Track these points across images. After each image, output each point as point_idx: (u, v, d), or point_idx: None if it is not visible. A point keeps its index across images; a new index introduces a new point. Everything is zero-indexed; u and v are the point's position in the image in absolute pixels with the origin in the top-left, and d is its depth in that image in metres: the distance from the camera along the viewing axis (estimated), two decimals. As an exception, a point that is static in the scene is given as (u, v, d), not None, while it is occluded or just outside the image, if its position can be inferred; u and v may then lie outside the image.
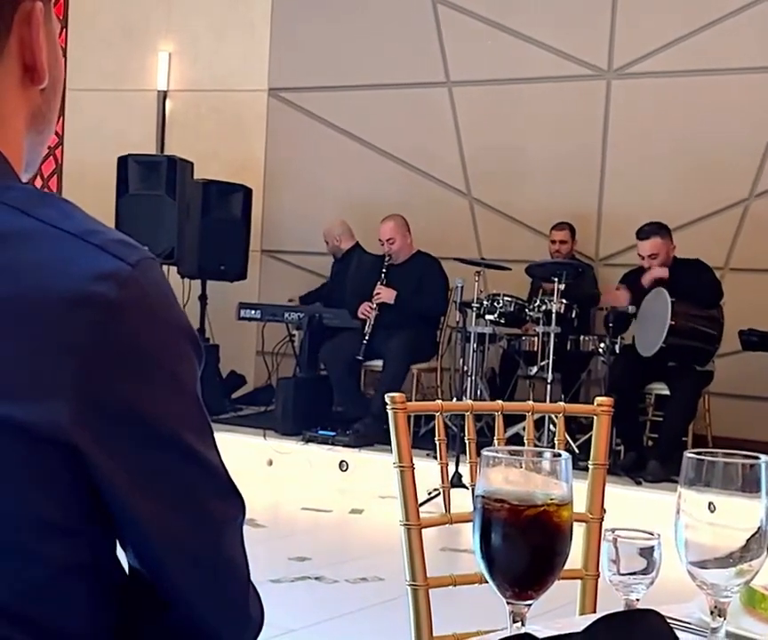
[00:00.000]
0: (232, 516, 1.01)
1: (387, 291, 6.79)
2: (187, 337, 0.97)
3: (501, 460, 1.04)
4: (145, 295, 0.92)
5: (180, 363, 0.95)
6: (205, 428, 0.98)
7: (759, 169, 6.94)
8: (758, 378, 6.78)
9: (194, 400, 0.96)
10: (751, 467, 1.05)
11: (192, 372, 0.97)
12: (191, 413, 0.96)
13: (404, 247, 7.00)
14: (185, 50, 8.68)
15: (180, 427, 0.94)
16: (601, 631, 0.95)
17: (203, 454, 0.96)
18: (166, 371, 0.93)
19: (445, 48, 7.87)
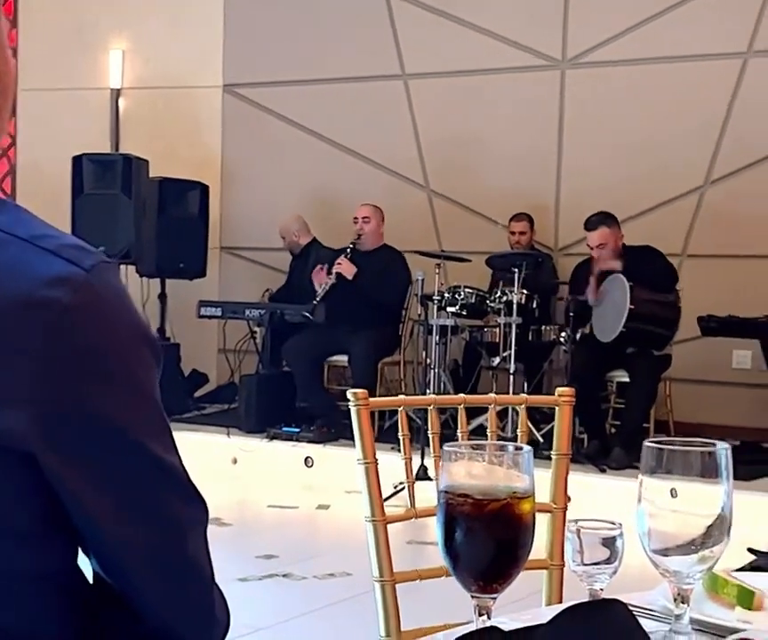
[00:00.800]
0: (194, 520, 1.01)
1: (347, 263, 6.76)
2: (144, 340, 0.96)
3: (463, 454, 1.05)
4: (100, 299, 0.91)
5: (138, 366, 0.94)
6: (165, 431, 0.97)
7: (713, 156, 7.00)
8: (718, 363, 6.86)
9: (153, 404, 0.96)
10: (710, 454, 1.06)
11: (150, 375, 0.96)
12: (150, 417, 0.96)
13: (376, 234, 6.99)
14: (138, 47, 8.61)
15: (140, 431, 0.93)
16: (565, 622, 0.95)
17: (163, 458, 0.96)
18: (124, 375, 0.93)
19: (400, 41, 7.88)
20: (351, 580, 4.29)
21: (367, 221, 6.94)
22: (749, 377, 6.72)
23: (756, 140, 6.82)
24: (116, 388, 0.92)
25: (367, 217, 6.95)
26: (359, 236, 6.91)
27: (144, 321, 0.98)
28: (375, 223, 6.98)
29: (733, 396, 6.85)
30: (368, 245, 6.94)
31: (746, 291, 6.71)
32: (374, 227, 6.97)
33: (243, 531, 5.37)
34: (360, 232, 6.92)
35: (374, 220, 6.98)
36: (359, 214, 6.98)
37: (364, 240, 6.92)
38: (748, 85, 6.89)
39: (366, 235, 6.93)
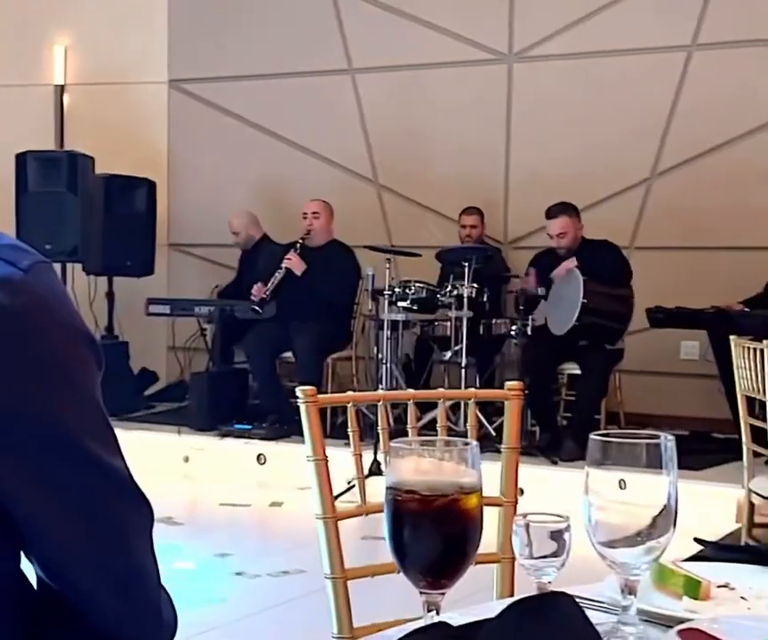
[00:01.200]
0: (139, 522, 1.00)
1: (297, 259, 6.74)
2: (84, 340, 0.95)
3: (411, 450, 1.04)
4: (39, 300, 0.90)
5: (78, 367, 0.93)
6: (107, 432, 0.96)
7: (660, 148, 7.08)
8: (666, 354, 6.94)
9: (94, 404, 0.95)
10: (655, 446, 1.06)
11: (91, 375, 0.95)
12: (91, 419, 0.94)
13: (325, 230, 6.96)
14: (82, 43, 8.51)
15: (81, 433, 0.92)
16: (513, 616, 0.96)
17: (105, 460, 0.95)
18: (64, 376, 0.91)
19: (346, 35, 7.86)
20: (305, 576, 4.28)
21: (317, 217, 6.92)
22: (697, 367, 6.80)
23: (702, 132, 6.91)
24: (56, 390, 0.90)
25: (317, 212, 6.93)
26: (308, 232, 6.88)
27: (83, 321, 0.96)
28: (324, 218, 6.96)
29: (682, 387, 6.93)
30: (317, 241, 6.92)
31: (693, 282, 6.80)
32: (324, 222, 6.95)
33: (195, 529, 5.34)
34: (309, 227, 6.89)
35: (324, 216, 6.96)
36: (308, 210, 6.95)
37: (314, 236, 6.90)
38: (692, 78, 6.97)
39: (315, 230, 6.90)
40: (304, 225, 6.91)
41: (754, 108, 6.78)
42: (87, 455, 0.93)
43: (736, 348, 3.72)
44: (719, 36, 6.88)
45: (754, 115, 6.78)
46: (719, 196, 6.86)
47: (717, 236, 6.87)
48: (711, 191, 6.89)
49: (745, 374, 3.68)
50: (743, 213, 6.77)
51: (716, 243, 6.88)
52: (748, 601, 1.19)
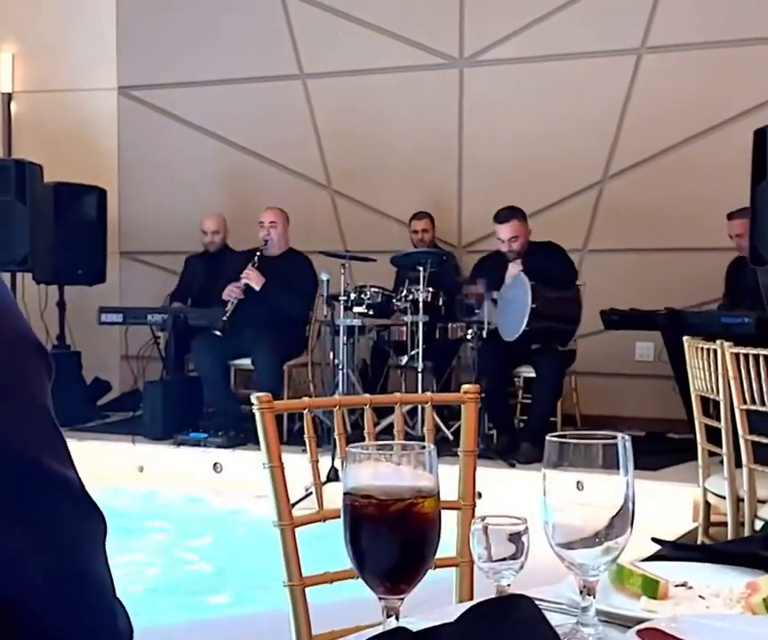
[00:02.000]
0: (92, 534, 0.98)
1: (256, 275, 6.69)
2: (33, 349, 0.93)
3: (367, 455, 1.03)
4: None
5: (28, 378, 0.91)
6: (58, 443, 0.94)
7: (611, 151, 7.14)
8: (621, 355, 7.00)
9: (45, 415, 0.93)
10: (611, 446, 1.06)
11: (42, 385, 0.93)
12: (43, 430, 0.92)
13: (282, 239, 6.92)
14: (29, 50, 8.41)
15: (32, 445, 0.90)
16: (472, 620, 0.95)
17: (58, 472, 0.93)
18: (13, 387, 0.89)
19: (297, 40, 7.85)
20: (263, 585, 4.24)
21: (274, 226, 6.87)
22: (652, 368, 6.86)
23: (652, 135, 6.98)
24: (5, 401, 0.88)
25: (274, 222, 6.88)
26: (266, 242, 6.84)
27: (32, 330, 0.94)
28: (281, 227, 6.92)
29: (637, 388, 7.00)
30: (274, 250, 6.88)
31: (647, 284, 6.86)
32: (281, 231, 6.91)
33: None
34: (267, 237, 6.84)
35: (281, 224, 6.91)
36: (265, 219, 6.90)
37: (271, 246, 6.85)
38: (642, 81, 7.04)
39: (273, 240, 6.85)
40: (261, 234, 6.86)
41: (703, 110, 6.86)
42: (39, 466, 0.91)
43: (689, 349, 3.75)
44: (668, 40, 6.96)
45: (703, 117, 6.86)
46: (671, 198, 6.93)
47: (670, 237, 6.95)
48: (663, 193, 6.96)
49: (698, 374, 3.71)
50: (695, 215, 6.85)
51: (669, 244, 6.95)
52: (706, 599, 1.19)
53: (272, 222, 6.86)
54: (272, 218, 6.88)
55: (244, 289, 6.65)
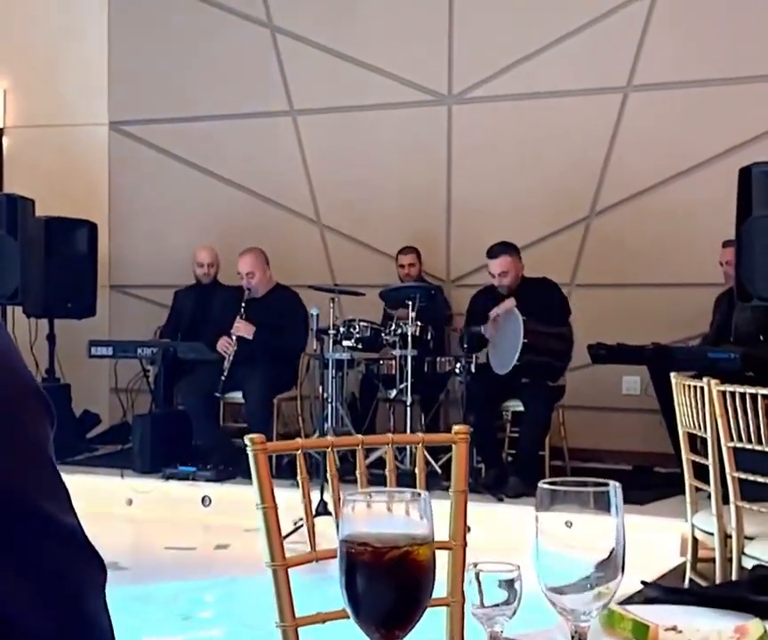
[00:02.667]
0: (93, 581, 0.99)
1: (245, 325, 6.69)
2: (35, 397, 0.94)
3: (362, 502, 1.05)
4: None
5: (29, 424, 0.92)
6: (60, 490, 0.95)
7: (598, 187, 7.19)
8: (608, 389, 7.02)
9: (46, 463, 0.94)
10: (602, 493, 1.08)
11: (43, 433, 0.94)
12: (44, 477, 0.93)
13: (264, 281, 6.89)
14: (20, 85, 8.45)
15: (33, 492, 0.91)
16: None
17: (58, 519, 0.94)
18: (14, 434, 0.90)
19: (287, 77, 7.90)
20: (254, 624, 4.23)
21: (251, 276, 6.78)
22: (639, 402, 6.88)
23: (638, 172, 7.04)
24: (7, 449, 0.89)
25: (250, 272, 6.77)
26: (248, 290, 6.82)
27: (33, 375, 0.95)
28: (260, 273, 6.83)
29: (624, 422, 7.02)
30: (260, 293, 6.87)
31: (633, 319, 6.89)
32: (260, 277, 6.83)
33: (141, 574, 5.26)
34: (248, 286, 6.82)
35: (258, 271, 6.81)
36: (242, 270, 6.79)
37: (254, 292, 6.84)
38: (628, 119, 7.11)
39: (254, 286, 6.83)
40: (243, 284, 6.84)
41: (688, 147, 6.92)
42: (40, 514, 0.92)
43: (677, 386, 3.78)
44: (653, 78, 7.03)
45: (689, 154, 6.92)
46: (657, 234, 6.99)
47: (656, 272, 6.99)
48: (649, 229, 7.01)
49: (686, 411, 3.74)
50: (680, 250, 6.90)
51: (655, 279, 7.00)
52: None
53: (249, 273, 6.77)
54: (248, 268, 6.79)
55: (236, 342, 6.65)
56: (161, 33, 8.22)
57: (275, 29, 7.94)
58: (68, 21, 8.37)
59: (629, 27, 7.07)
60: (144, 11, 8.26)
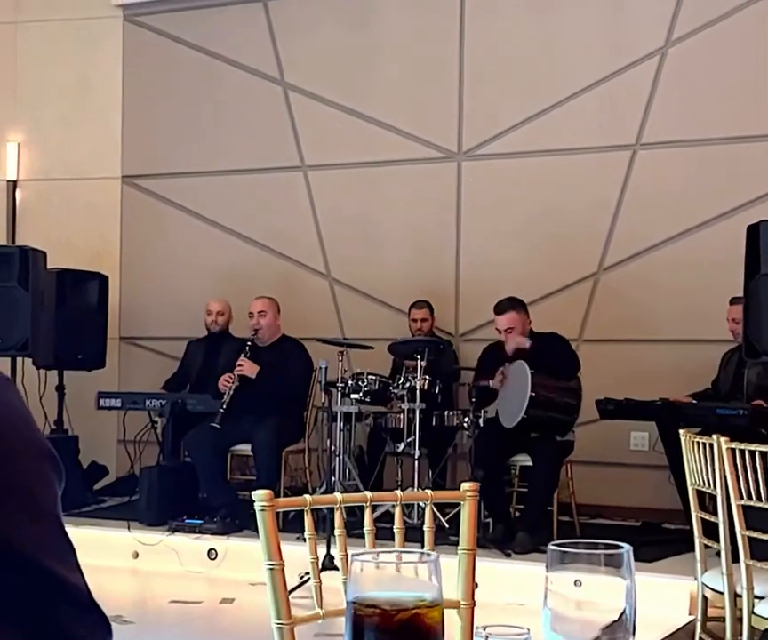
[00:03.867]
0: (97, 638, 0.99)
1: (249, 364, 6.69)
2: (45, 458, 0.95)
3: (371, 564, 1.05)
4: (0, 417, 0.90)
5: (40, 486, 0.93)
6: (67, 549, 0.96)
7: (606, 243, 7.22)
8: (616, 445, 7.00)
9: (54, 523, 0.94)
10: (613, 555, 1.08)
11: (52, 494, 0.95)
12: (51, 537, 0.94)
13: (273, 327, 6.94)
14: (34, 139, 8.54)
15: (39, 551, 0.92)
16: None
17: (64, 578, 0.94)
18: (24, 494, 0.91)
19: (299, 133, 7.97)
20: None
21: (263, 315, 6.88)
22: (647, 458, 6.85)
23: (647, 229, 7.07)
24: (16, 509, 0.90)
25: (263, 311, 6.89)
26: (256, 331, 6.86)
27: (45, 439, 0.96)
28: (271, 316, 6.93)
29: (633, 477, 6.99)
30: (266, 339, 6.89)
31: (642, 374, 6.89)
32: (270, 319, 6.91)
33: (145, 628, 5.23)
34: (256, 326, 6.86)
35: (270, 313, 6.92)
36: (254, 309, 6.91)
37: (262, 334, 6.87)
38: (636, 176, 7.15)
39: (263, 329, 6.87)
40: (251, 324, 6.89)
41: (697, 205, 6.95)
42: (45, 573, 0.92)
43: (686, 443, 3.77)
44: (662, 136, 7.08)
45: (697, 212, 6.95)
46: (664, 290, 7.00)
47: (664, 328, 6.99)
48: (657, 285, 7.03)
49: (695, 468, 3.72)
50: (688, 307, 6.90)
51: (663, 335, 7.00)
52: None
53: (260, 312, 6.87)
54: (261, 307, 6.89)
55: (238, 379, 6.65)
56: (174, 88, 8.32)
57: (287, 86, 8.03)
58: (82, 76, 8.47)
59: (638, 85, 7.13)
60: (157, 66, 8.36)
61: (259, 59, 8.08)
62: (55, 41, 8.52)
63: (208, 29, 8.21)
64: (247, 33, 8.12)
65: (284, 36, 8.02)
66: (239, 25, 8.15)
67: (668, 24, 7.09)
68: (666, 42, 7.11)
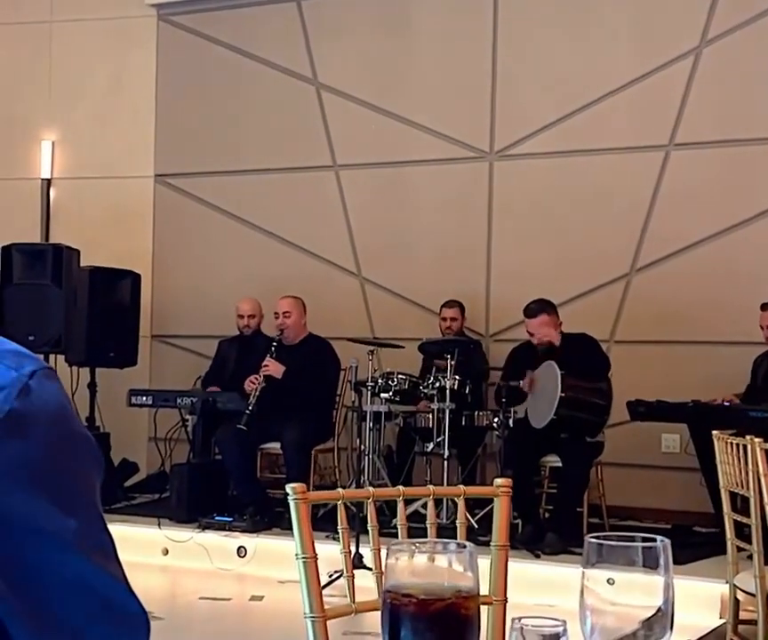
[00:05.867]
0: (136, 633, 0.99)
1: (275, 364, 6.69)
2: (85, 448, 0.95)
3: (407, 553, 1.04)
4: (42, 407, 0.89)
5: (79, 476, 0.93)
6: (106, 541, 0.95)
7: (639, 244, 7.17)
8: (647, 447, 6.95)
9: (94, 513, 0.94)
10: (650, 548, 1.07)
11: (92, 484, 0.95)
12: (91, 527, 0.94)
13: (299, 327, 6.95)
14: (68, 138, 8.61)
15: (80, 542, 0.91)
16: None
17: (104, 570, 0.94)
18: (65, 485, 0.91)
19: (330, 132, 7.98)
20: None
21: (288, 316, 6.88)
22: (678, 460, 6.80)
23: (679, 230, 7.02)
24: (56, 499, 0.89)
25: (288, 312, 6.89)
26: (282, 331, 6.86)
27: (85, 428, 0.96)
28: (297, 315, 6.92)
29: (664, 480, 6.94)
30: (292, 339, 6.89)
31: (673, 376, 6.84)
32: (296, 319, 6.91)
33: (175, 624, 5.24)
34: (282, 326, 6.86)
35: (295, 313, 6.92)
36: (279, 309, 6.91)
37: (287, 334, 6.87)
38: (670, 177, 7.10)
39: (289, 328, 6.87)
40: (277, 324, 6.90)
41: (730, 206, 6.90)
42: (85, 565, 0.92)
43: (719, 443, 3.74)
44: (696, 137, 7.03)
45: (730, 213, 6.90)
46: (697, 292, 6.95)
47: (695, 330, 6.94)
48: (689, 287, 6.97)
49: (728, 469, 3.69)
50: (720, 308, 6.85)
51: (695, 337, 6.95)
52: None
53: (286, 312, 6.88)
54: (286, 307, 6.90)
55: (264, 379, 6.64)
56: (207, 88, 8.35)
57: (319, 86, 8.04)
58: (116, 75, 8.53)
59: (672, 85, 7.09)
60: (191, 66, 8.40)
61: (292, 58, 8.10)
62: (89, 40, 8.58)
63: (241, 29, 8.24)
64: (280, 33, 8.14)
65: (317, 35, 8.04)
66: (272, 24, 8.17)
67: (704, 24, 7.04)
68: (701, 42, 7.06)
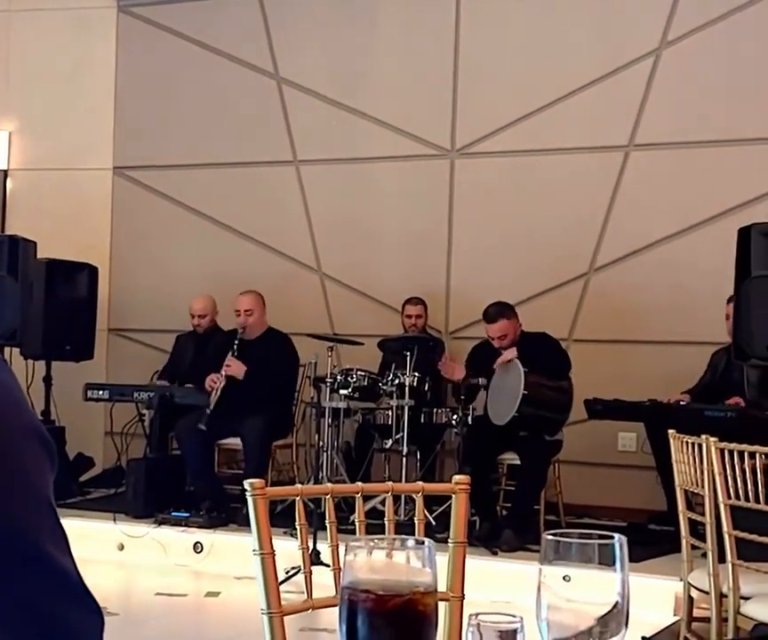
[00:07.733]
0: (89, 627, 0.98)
1: (237, 364, 6.68)
2: (38, 440, 0.94)
3: (365, 549, 1.04)
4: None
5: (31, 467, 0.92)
6: (59, 533, 0.95)
7: (597, 244, 7.23)
8: (604, 445, 7.01)
9: (47, 505, 0.93)
10: (606, 545, 1.08)
11: (44, 476, 0.94)
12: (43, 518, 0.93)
13: (259, 322, 6.94)
14: (26, 128, 8.52)
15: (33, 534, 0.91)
16: None
17: (57, 561, 0.93)
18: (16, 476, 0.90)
19: (291, 127, 7.96)
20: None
21: (249, 314, 6.86)
22: (635, 459, 6.87)
23: (638, 230, 7.08)
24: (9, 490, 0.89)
25: (249, 309, 6.87)
26: (243, 329, 6.85)
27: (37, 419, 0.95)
28: (258, 312, 6.91)
29: (620, 478, 7.00)
30: (253, 334, 6.89)
31: (630, 375, 6.90)
32: (258, 316, 6.91)
33: (130, 620, 5.21)
34: (244, 324, 6.85)
35: (257, 310, 6.90)
36: (240, 306, 6.90)
37: (249, 331, 6.87)
38: (629, 177, 7.16)
39: (250, 326, 6.87)
40: (239, 322, 6.87)
41: (688, 207, 6.97)
42: (39, 556, 0.91)
43: (674, 443, 3.77)
44: (655, 138, 7.10)
45: (688, 214, 6.97)
46: (655, 291, 7.02)
47: (653, 330, 7.01)
48: (647, 286, 7.04)
49: (683, 469, 3.72)
50: (678, 308, 6.92)
51: (652, 336, 7.02)
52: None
53: (247, 310, 6.87)
54: (247, 306, 6.88)
55: (225, 379, 6.62)
56: (167, 80, 8.30)
57: (281, 80, 8.01)
58: (75, 66, 8.45)
59: (632, 86, 7.15)
60: (151, 58, 8.34)
61: (253, 52, 8.07)
62: (48, 30, 8.49)
63: (202, 21, 8.19)
64: (242, 26, 8.11)
65: (278, 29, 8.01)
66: (234, 17, 8.13)
67: (663, 26, 7.10)
68: (660, 43, 7.12)
